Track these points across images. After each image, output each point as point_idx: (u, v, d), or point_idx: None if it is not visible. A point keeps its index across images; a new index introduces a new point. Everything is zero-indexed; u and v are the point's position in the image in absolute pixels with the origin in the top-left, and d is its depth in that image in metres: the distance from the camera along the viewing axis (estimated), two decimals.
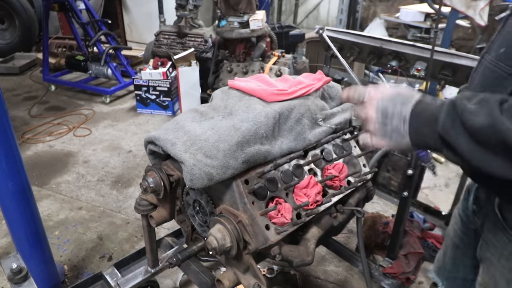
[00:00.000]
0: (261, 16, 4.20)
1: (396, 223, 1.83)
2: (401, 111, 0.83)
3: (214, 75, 4.50)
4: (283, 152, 1.36)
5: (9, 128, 1.58)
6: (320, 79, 1.55)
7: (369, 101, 0.89)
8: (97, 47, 4.94)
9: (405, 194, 1.73)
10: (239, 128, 1.27)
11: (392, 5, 6.96)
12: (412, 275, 1.88)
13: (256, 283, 1.29)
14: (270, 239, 1.24)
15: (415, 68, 2.39)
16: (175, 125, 1.35)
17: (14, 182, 1.64)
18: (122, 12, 6.67)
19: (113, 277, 1.79)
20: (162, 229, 2.57)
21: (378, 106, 0.87)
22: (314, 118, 1.46)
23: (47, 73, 5.19)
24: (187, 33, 4.66)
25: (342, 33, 2.67)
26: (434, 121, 0.78)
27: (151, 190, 1.40)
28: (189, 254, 1.60)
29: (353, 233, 2.65)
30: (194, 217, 1.54)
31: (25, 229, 1.76)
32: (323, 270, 2.38)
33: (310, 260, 1.35)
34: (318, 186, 1.34)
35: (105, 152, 3.74)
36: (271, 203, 1.29)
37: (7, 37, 6.33)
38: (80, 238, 2.62)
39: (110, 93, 4.91)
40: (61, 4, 4.85)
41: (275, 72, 4.18)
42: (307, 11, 8.59)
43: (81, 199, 3.05)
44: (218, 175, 1.21)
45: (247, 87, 1.48)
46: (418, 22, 5.18)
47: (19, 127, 4.19)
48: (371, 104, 0.88)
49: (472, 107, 0.73)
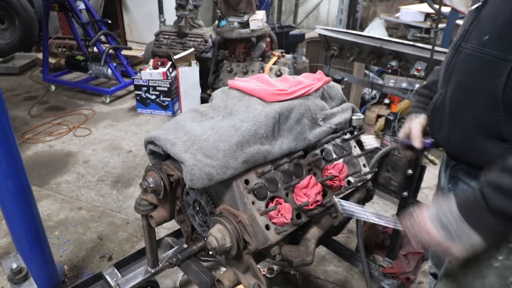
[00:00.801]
0: (261, 16, 4.20)
1: None
2: (451, 211, 0.91)
3: (214, 75, 4.50)
4: (283, 152, 1.36)
5: (9, 128, 1.58)
6: (320, 79, 1.55)
7: (421, 222, 0.96)
8: (97, 47, 4.94)
9: (405, 194, 1.73)
10: (239, 128, 1.27)
11: (392, 5, 6.97)
12: (412, 275, 1.88)
13: (256, 283, 1.29)
14: (270, 239, 1.24)
15: (415, 68, 2.39)
16: (175, 125, 1.35)
17: (14, 182, 1.64)
18: (122, 12, 6.67)
19: (113, 277, 1.79)
20: (162, 229, 2.57)
21: (432, 219, 0.94)
22: (314, 118, 1.46)
23: (47, 73, 5.19)
24: (187, 33, 4.66)
25: (342, 33, 2.67)
26: (482, 204, 0.87)
27: (151, 190, 1.40)
28: (189, 254, 1.60)
29: (353, 233, 2.65)
30: (194, 217, 1.54)
31: (25, 229, 1.76)
32: (323, 270, 2.38)
33: (310, 260, 1.35)
34: (318, 186, 1.34)
35: (105, 152, 3.74)
36: (271, 203, 1.29)
37: (7, 37, 6.33)
38: (80, 238, 2.62)
39: (110, 93, 4.90)
40: (61, 4, 4.85)
41: (275, 72, 4.18)
42: (307, 11, 8.59)
43: (81, 199, 3.05)
44: (218, 175, 1.21)
45: (247, 87, 1.48)
46: (418, 22, 5.18)
47: (19, 127, 4.19)
48: (424, 223, 0.95)
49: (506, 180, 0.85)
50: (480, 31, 0.97)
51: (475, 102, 0.98)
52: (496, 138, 0.96)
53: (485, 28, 0.96)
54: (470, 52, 0.99)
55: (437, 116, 1.13)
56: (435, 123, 1.14)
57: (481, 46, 0.96)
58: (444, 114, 1.09)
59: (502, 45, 0.91)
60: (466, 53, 1.01)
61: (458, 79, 1.03)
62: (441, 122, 1.11)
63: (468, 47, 1.00)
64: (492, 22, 0.94)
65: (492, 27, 0.94)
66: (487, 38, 0.94)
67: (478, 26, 0.99)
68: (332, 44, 2.71)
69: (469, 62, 1.00)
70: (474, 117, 0.99)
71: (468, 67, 1.00)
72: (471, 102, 0.99)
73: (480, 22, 0.98)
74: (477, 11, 0.99)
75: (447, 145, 1.13)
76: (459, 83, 1.03)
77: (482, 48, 0.95)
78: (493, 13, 0.94)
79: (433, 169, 3.19)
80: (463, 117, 1.02)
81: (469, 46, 1.00)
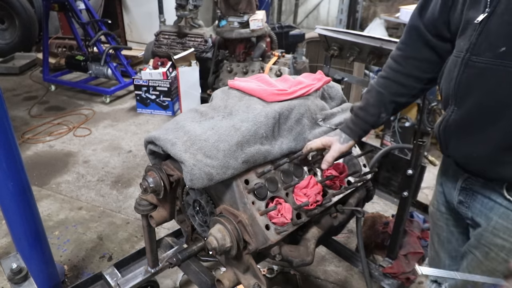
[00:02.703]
0: (261, 16, 4.20)
1: (396, 223, 1.83)
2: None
3: (214, 75, 4.50)
4: (283, 152, 1.36)
5: (9, 128, 1.58)
6: (320, 79, 1.55)
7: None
8: (97, 47, 4.94)
9: (405, 194, 1.73)
10: (239, 128, 1.27)
11: (392, 5, 6.97)
12: (412, 275, 1.88)
13: (256, 283, 1.29)
14: (270, 239, 1.24)
15: None
16: (175, 125, 1.35)
17: (14, 182, 1.64)
18: (122, 12, 6.67)
19: (113, 277, 1.79)
20: (162, 229, 2.57)
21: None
22: (314, 118, 1.46)
23: (47, 73, 5.19)
24: (187, 33, 4.66)
25: (342, 33, 2.67)
26: None
27: (151, 190, 1.40)
28: (189, 254, 1.60)
29: (353, 233, 2.65)
30: (194, 217, 1.54)
31: (25, 229, 1.76)
32: (323, 270, 2.38)
33: (310, 260, 1.35)
34: (318, 186, 1.34)
35: (105, 152, 3.74)
36: (271, 203, 1.29)
37: (7, 37, 6.33)
38: (80, 238, 2.62)
39: (110, 93, 4.90)
40: (61, 4, 4.85)
41: (275, 72, 4.18)
42: (307, 11, 8.59)
43: (81, 199, 3.05)
44: (218, 175, 1.21)
45: (247, 87, 1.48)
46: None
47: (19, 127, 4.19)
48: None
49: None
50: (493, 43, 0.93)
51: (500, 116, 0.94)
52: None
53: (499, 39, 0.92)
54: (485, 66, 0.94)
55: (450, 134, 1.08)
56: (450, 140, 1.09)
57: (498, 58, 0.91)
58: (460, 132, 1.05)
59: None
60: (479, 67, 0.96)
61: (477, 95, 0.98)
62: (457, 139, 1.07)
63: (481, 61, 0.95)
64: (506, 33, 0.90)
65: (507, 38, 0.90)
66: (504, 50, 0.90)
67: (487, 38, 0.94)
68: (332, 44, 2.71)
69: (487, 77, 0.95)
70: (501, 132, 0.95)
71: (488, 82, 0.95)
72: (496, 117, 0.95)
73: (490, 34, 0.94)
74: (483, 23, 0.94)
75: (468, 161, 1.09)
76: (480, 99, 0.98)
77: (501, 61, 0.91)
78: (506, 23, 0.90)
79: (433, 169, 3.18)
80: (488, 133, 0.98)
81: (482, 60, 0.95)
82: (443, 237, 1.32)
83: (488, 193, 1.07)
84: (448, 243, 1.31)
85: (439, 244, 1.36)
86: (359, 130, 1.28)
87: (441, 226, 1.32)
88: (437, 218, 1.33)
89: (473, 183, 1.11)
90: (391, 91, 1.23)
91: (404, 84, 1.21)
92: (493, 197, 1.06)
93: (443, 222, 1.30)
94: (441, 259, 1.35)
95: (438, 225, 1.33)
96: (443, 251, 1.34)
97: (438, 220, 1.32)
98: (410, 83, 1.20)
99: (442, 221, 1.31)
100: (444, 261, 1.35)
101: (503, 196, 1.02)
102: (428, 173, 1.84)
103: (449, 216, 1.27)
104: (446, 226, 1.30)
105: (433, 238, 1.39)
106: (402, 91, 1.22)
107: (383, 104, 1.24)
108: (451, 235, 1.29)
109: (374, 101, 1.25)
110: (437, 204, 1.31)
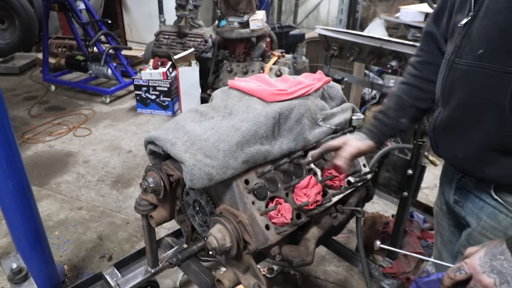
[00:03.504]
0: (261, 16, 4.20)
1: (396, 223, 1.83)
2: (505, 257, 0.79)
3: (214, 75, 4.50)
4: (283, 152, 1.36)
5: (9, 128, 1.58)
6: (320, 79, 1.55)
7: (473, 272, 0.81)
8: (97, 47, 4.94)
9: (405, 194, 1.73)
10: (239, 128, 1.27)
11: (392, 5, 6.97)
12: (412, 275, 1.88)
13: (256, 283, 1.29)
14: (270, 239, 1.24)
15: None
16: (175, 125, 1.35)
17: (14, 182, 1.64)
18: (122, 12, 6.67)
19: (113, 277, 1.79)
20: (162, 229, 2.57)
21: (485, 270, 0.80)
22: (314, 118, 1.46)
23: (47, 73, 5.19)
24: (187, 33, 4.66)
25: (342, 33, 2.67)
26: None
27: (151, 190, 1.40)
28: (189, 254, 1.60)
29: (353, 233, 2.65)
30: (194, 217, 1.54)
31: (25, 229, 1.76)
32: (323, 270, 2.38)
33: (310, 260, 1.35)
34: (318, 186, 1.34)
35: (105, 152, 3.74)
36: (271, 203, 1.29)
37: (7, 37, 6.33)
38: (80, 238, 2.62)
39: (110, 93, 4.90)
40: (61, 4, 4.85)
41: (275, 72, 4.18)
42: (307, 11, 8.59)
43: (81, 199, 3.05)
44: (218, 175, 1.21)
45: (247, 87, 1.48)
46: (418, 22, 5.18)
47: (19, 127, 4.19)
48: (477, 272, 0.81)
49: None
50: (473, 46, 0.96)
51: (481, 118, 0.96)
52: (507, 152, 0.95)
53: (478, 42, 0.94)
54: (466, 68, 0.98)
55: (438, 134, 1.11)
56: (439, 141, 1.12)
57: (477, 60, 0.94)
58: (448, 132, 1.07)
59: (500, 57, 0.90)
60: (462, 69, 0.99)
61: (460, 96, 1.01)
62: (445, 139, 1.09)
63: (463, 63, 0.98)
64: (485, 36, 0.93)
65: (485, 41, 0.93)
66: (482, 52, 0.93)
67: (470, 41, 0.97)
68: (332, 44, 2.71)
69: (468, 79, 0.98)
70: (482, 133, 0.97)
71: (468, 83, 0.98)
72: (477, 118, 0.97)
73: (472, 37, 0.96)
74: (466, 26, 0.98)
75: (455, 162, 1.11)
76: (461, 100, 1.01)
77: (479, 63, 0.94)
78: (485, 27, 0.93)
79: (433, 169, 3.19)
80: (470, 134, 1.00)
81: (464, 62, 0.98)
82: (446, 237, 1.33)
83: (479, 193, 1.08)
84: (450, 243, 1.32)
85: (442, 244, 1.36)
86: (378, 132, 1.30)
87: (443, 226, 1.33)
88: (440, 218, 1.34)
89: (466, 183, 1.13)
90: (411, 96, 1.26)
91: (423, 89, 1.24)
92: (482, 197, 1.07)
93: (445, 222, 1.31)
94: (443, 258, 1.36)
95: (441, 225, 1.34)
96: (445, 250, 1.35)
97: (441, 220, 1.33)
98: (428, 88, 1.22)
99: (444, 221, 1.32)
100: (447, 260, 1.35)
101: (491, 196, 1.04)
102: (428, 173, 1.84)
103: (450, 216, 1.28)
104: (448, 226, 1.31)
105: (437, 238, 1.40)
106: (422, 96, 1.24)
107: (402, 109, 1.27)
108: (452, 235, 1.30)
109: (394, 105, 1.28)
110: (440, 204, 1.32)
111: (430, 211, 2.39)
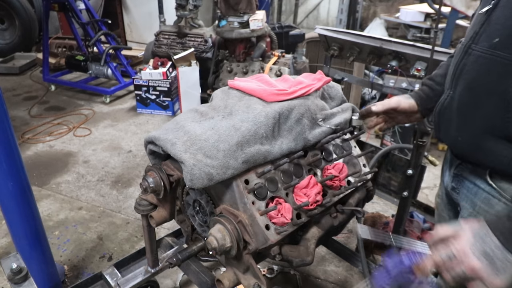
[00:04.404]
0: (261, 16, 4.20)
1: (396, 223, 1.83)
2: (492, 239, 0.80)
3: (214, 75, 4.50)
4: (283, 152, 1.36)
5: (9, 128, 1.58)
6: (320, 79, 1.55)
7: (462, 255, 0.82)
8: (97, 47, 4.94)
9: (405, 194, 1.73)
10: (239, 128, 1.27)
11: (392, 5, 6.97)
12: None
13: (256, 283, 1.29)
14: (270, 239, 1.24)
15: (415, 68, 2.39)
16: (175, 125, 1.35)
17: (14, 182, 1.64)
18: (122, 12, 6.67)
19: (113, 277, 1.79)
20: (162, 229, 2.57)
21: (475, 253, 0.80)
22: (314, 118, 1.46)
23: (47, 73, 5.19)
24: (187, 33, 4.66)
25: (342, 33, 2.67)
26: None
27: (151, 190, 1.40)
28: (189, 254, 1.60)
29: (353, 233, 2.65)
30: (194, 217, 1.54)
31: (25, 229, 1.76)
32: (323, 270, 2.38)
33: (310, 260, 1.35)
34: (318, 186, 1.34)
35: (105, 152, 3.74)
36: (271, 203, 1.29)
37: (7, 37, 6.33)
38: (80, 238, 2.62)
39: (110, 93, 4.91)
40: (61, 4, 4.85)
41: (275, 72, 4.18)
42: (307, 11, 8.59)
43: (81, 199, 3.05)
44: (218, 175, 1.21)
45: (247, 87, 1.48)
46: (418, 22, 5.18)
47: (19, 127, 4.19)
48: (467, 255, 0.81)
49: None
50: (490, 34, 0.97)
51: (484, 103, 0.98)
52: (505, 139, 0.96)
53: (496, 31, 0.96)
54: (480, 54, 0.99)
55: (444, 116, 1.13)
56: (443, 123, 1.14)
57: (491, 48, 0.96)
58: (452, 115, 1.09)
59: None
60: (476, 55, 1.01)
61: (467, 81, 1.03)
62: (449, 122, 1.11)
63: (478, 49, 1.00)
64: (503, 25, 0.94)
65: (502, 30, 0.94)
66: (497, 41, 0.94)
67: (488, 29, 0.99)
68: (332, 44, 2.71)
69: (479, 64, 1.00)
70: (484, 118, 0.99)
71: (478, 69, 1.00)
72: (480, 103, 1.00)
73: (490, 25, 0.98)
74: (487, 14, 0.99)
75: (455, 146, 1.14)
76: (469, 84, 1.03)
77: (493, 51, 0.95)
78: (504, 16, 0.94)
79: (433, 169, 3.19)
80: (472, 118, 1.02)
81: (479, 48, 1.00)
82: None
83: (474, 179, 1.10)
84: None
85: None
86: (424, 96, 1.32)
87: (444, 217, 1.34)
88: (441, 209, 1.35)
89: (463, 169, 1.15)
90: None
91: None
92: (477, 182, 1.09)
93: (445, 213, 1.32)
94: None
95: (442, 217, 1.35)
96: None
97: (442, 211, 1.34)
98: None
99: (445, 211, 1.33)
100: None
101: (486, 181, 1.05)
102: (428, 173, 1.84)
103: (450, 207, 1.29)
104: (449, 217, 1.31)
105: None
106: None
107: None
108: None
109: (442, 72, 1.29)
110: (441, 194, 1.33)
111: (430, 211, 2.39)
